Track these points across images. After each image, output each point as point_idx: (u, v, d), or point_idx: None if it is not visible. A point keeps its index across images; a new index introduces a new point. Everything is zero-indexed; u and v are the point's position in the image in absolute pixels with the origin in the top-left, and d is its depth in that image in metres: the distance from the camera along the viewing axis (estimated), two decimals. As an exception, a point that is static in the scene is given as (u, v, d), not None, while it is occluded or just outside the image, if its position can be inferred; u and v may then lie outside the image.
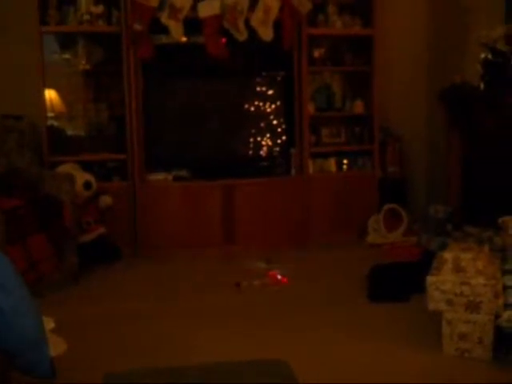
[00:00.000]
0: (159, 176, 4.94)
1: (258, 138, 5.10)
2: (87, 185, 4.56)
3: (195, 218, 4.88)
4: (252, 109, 5.09)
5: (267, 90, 5.11)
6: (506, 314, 2.75)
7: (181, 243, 4.84)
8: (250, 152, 5.11)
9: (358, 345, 3.06)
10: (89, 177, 4.62)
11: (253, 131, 5.10)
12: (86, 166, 4.79)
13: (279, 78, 5.10)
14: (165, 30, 4.78)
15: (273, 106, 5.11)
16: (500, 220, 3.39)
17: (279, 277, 4.11)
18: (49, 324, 2.30)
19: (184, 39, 4.87)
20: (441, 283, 2.92)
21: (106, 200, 4.75)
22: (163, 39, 4.88)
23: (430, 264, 3.12)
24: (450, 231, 4.59)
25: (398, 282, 3.85)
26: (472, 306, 2.86)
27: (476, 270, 2.92)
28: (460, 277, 2.91)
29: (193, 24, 4.76)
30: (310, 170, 5.15)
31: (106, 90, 5.09)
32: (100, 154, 4.94)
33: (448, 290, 2.91)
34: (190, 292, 4.00)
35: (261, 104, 5.10)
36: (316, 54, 5.21)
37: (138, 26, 4.70)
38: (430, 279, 2.95)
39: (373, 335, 3.18)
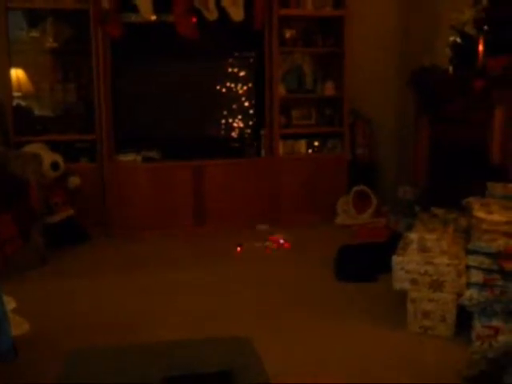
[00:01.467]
0: (128, 157, 4.90)
1: (229, 119, 5.09)
2: (55, 165, 4.51)
3: (165, 199, 4.86)
4: (223, 90, 5.07)
5: (239, 71, 5.08)
6: (468, 293, 2.81)
7: (150, 224, 4.84)
8: (221, 133, 5.10)
9: (323, 323, 3.11)
10: (56, 157, 4.56)
11: (224, 112, 5.09)
12: (54, 147, 4.72)
13: (251, 60, 5.07)
14: (134, 9, 4.71)
15: (244, 88, 5.09)
16: (464, 201, 3.45)
17: (281, 241, 4.08)
18: (10, 304, 2.27)
19: (153, 18, 4.80)
20: (406, 263, 2.97)
21: (74, 181, 4.70)
22: (132, 17, 4.81)
23: (397, 245, 3.17)
24: (417, 212, 4.64)
25: (366, 263, 3.90)
26: (436, 285, 2.92)
27: (440, 250, 2.98)
28: (424, 257, 2.97)
29: (163, 2, 4.69)
30: (280, 151, 5.16)
31: (75, 69, 5.01)
32: (68, 135, 4.87)
33: (413, 269, 2.96)
34: (157, 270, 4.00)
35: (232, 85, 5.08)
36: (287, 34, 5.19)
37: (106, 4, 4.62)
38: (395, 259, 3.00)
39: (338, 314, 3.23)
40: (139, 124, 4.98)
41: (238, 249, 4.27)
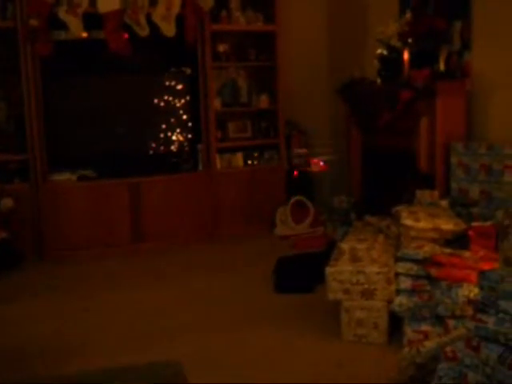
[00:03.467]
0: (63, 176, 4.81)
1: (165, 134, 5.07)
2: (-15, 188, 4.38)
3: (102, 218, 4.80)
4: (159, 105, 5.06)
5: (175, 85, 5.09)
6: (398, 299, 2.91)
7: (87, 244, 4.76)
8: (158, 148, 5.08)
9: (259, 336, 3.14)
10: (-13, 179, 4.43)
11: (159, 128, 5.07)
12: (-16, 168, 4.59)
13: (187, 74, 5.09)
14: (64, 26, 4.65)
15: (180, 102, 5.09)
16: (394, 210, 3.57)
17: (321, 163, 3.99)
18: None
19: (84, 35, 4.75)
20: (338, 273, 3.05)
21: (6, 203, 4.57)
22: (62, 35, 4.74)
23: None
24: (353, 220, 4.76)
25: (303, 273, 3.97)
26: (367, 293, 3.02)
27: (371, 259, 3.08)
28: (356, 266, 3.05)
29: (93, 19, 4.65)
30: (218, 165, 5.19)
31: (4, 87, 4.89)
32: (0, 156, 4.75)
33: (345, 279, 3.04)
34: (93, 292, 3.95)
35: (167, 100, 5.08)
36: (220, 49, 5.25)
37: (34, 22, 4.53)
38: (328, 270, 3.08)
39: (276, 326, 3.27)
40: (73, 142, 4.90)
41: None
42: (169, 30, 4.83)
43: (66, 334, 3.27)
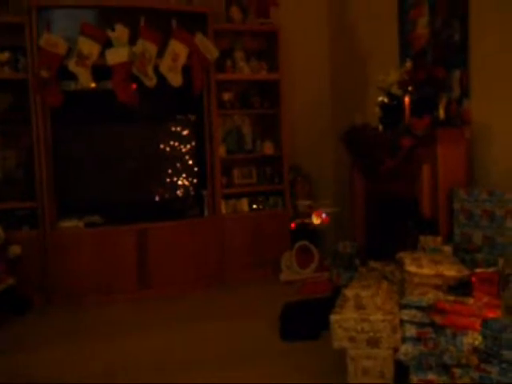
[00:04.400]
0: (70, 223, 4.88)
1: (171, 180, 5.16)
2: (-6, 236, 4.45)
3: (109, 264, 4.85)
4: (165, 151, 5.16)
5: (181, 131, 5.20)
6: (404, 348, 2.92)
7: (94, 290, 4.80)
8: (164, 194, 5.16)
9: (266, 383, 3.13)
10: (-5, 227, 4.50)
11: (166, 173, 5.17)
12: (-7, 216, 4.67)
13: (192, 120, 5.20)
14: (74, 77, 4.79)
15: (186, 148, 5.19)
16: (397, 256, 3.60)
17: (324, 215, 3.98)
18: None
19: (93, 85, 4.89)
20: (343, 321, 3.07)
21: (14, 250, 4.63)
22: (72, 86, 4.90)
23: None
24: (357, 266, 4.78)
25: (309, 320, 3.96)
26: (373, 341, 3.02)
27: (375, 307, 3.09)
28: (360, 313, 3.07)
29: (102, 70, 4.80)
30: (223, 210, 5.26)
31: (14, 136, 5.01)
32: (8, 203, 4.82)
33: (350, 327, 3.05)
34: (100, 339, 3.96)
35: (173, 146, 5.18)
36: (225, 97, 5.38)
37: (44, 73, 4.68)
38: (332, 318, 3.09)
39: (282, 373, 3.26)
40: (81, 189, 5.00)
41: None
42: (175, 80, 4.96)
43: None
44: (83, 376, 3.38)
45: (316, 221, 3.26)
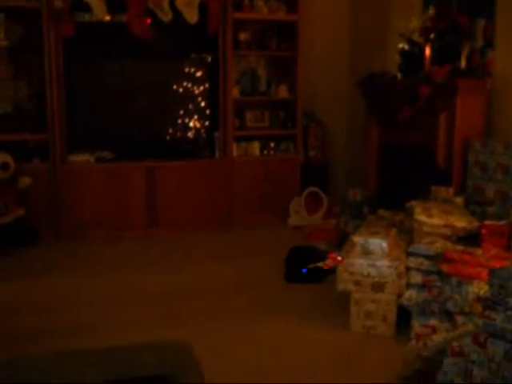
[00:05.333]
0: (81, 157, 4.87)
1: (184, 121, 5.11)
2: (4, 166, 4.46)
3: (118, 200, 4.86)
4: (178, 91, 5.09)
5: (195, 72, 5.11)
6: (408, 293, 2.93)
7: (102, 225, 4.83)
8: (175, 134, 5.12)
9: (267, 325, 3.17)
10: (6, 158, 4.50)
11: (178, 113, 5.11)
12: (4, 147, 4.65)
13: (208, 60, 5.11)
14: (88, 8, 4.68)
15: (199, 89, 5.12)
16: (407, 205, 3.58)
17: (339, 258, 4.02)
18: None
19: (108, 18, 4.78)
20: (350, 265, 3.08)
21: (25, 181, 4.64)
22: (86, 17, 4.79)
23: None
24: (366, 214, 4.76)
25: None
26: (377, 286, 3.03)
27: (382, 253, 3.08)
28: (367, 259, 3.07)
29: (117, 3, 4.68)
30: (234, 153, 5.22)
31: (27, 67, 4.95)
32: (19, 134, 4.80)
33: (356, 271, 3.07)
34: (107, 273, 4.01)
35: (187, 87, 5.10)
36: (241, 37, 5.25)
37: (59, 3, 4.58)
38: (339, 261, 3.09)
39: (285, 315, 3.31)
40: (93, 124, 4.97)
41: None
42: (191, 16, 4.84)
43: (81, 311, 3.33)
44: (85, 304, 3.44)
45: (331, 263, 3.24)
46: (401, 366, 2.53)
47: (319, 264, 3.59)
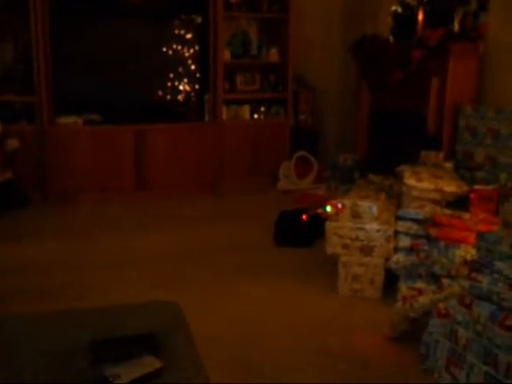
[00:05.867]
0: (69, 119, 4.81)
1: (173, 83, 5.04)
2: (-9, 127, 4.39)
3: (106, 163, 4.82)
4: (168, 53, 5.00)
5: (185, 34, 5.02)
6: (395, 257, 2.95)
7: (91, 188, 4.80)
8: (165, 97, 5.05)
9: (256, 287, 3.19)
10: (-8, 119, 4.43)
11: (168, 76, 5.03)
12: (-9, 108, 4.59)
13: (198, 22, 5.01)
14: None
15: (189, 52, 5.03)
16: (397, 169, 3.58)
17: (340, 205, 4.01)
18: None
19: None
20: (338, 228, 3.09)
21: (12, 143, 4.58)
22: (73, -26, 4.66)
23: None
24: (356, 179, 4.77)
25: (304, 228, 3.99)
26: (366, 249, 3.05)
27: (371, 217, 3.09)
28: (356, 222, 3.08)
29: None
30: (224, 116, 5.17)
31: (12, 28, 4.83)
32: (6, 96, 4.72)
33: (345, 234, 3.08)
34: (96, 235, 4.01)
35: (176, 49, 5.01)
36: (232, -2, 5.15)
37: (44, -40, 4.45)
38: (328, 225, 3.11)
39: (273, 277, 3.33)
40: (81, 86, 4.87)
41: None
42: (181, -25, 4.73)
43: (66, 274, 3.34)
44: (73, 266, 3.45)
45: (332, 211, 3.18)
46: (387, 327, 2.58)
47: (319, 210, 3.58)
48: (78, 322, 1.73)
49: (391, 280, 3.02)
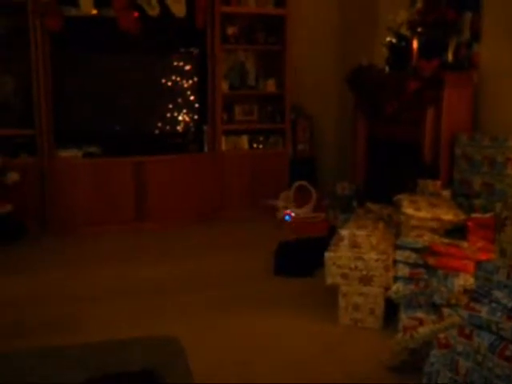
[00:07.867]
0: (69, 152, 4.84)
1: (172, 114, 5.09)
2: (-9, 161, 4.42)
3: (106, 195, 4.84)
4: (166, 85, 5.07)
5: (183, 66, 5.09)
6: (395, 287, 2.95)
7: (91, 220, 4.81)
8: (164, 128, 5.09)
9: (256, 318, 3.18)
10: (-7, 153, 4.47)
11: (167, 107, 5.09)
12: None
13: (195, 54, 5.09)
14: (74, 2, 4.65)
15: (187, 83, 5.10)
16: (395, 198, 3.59)
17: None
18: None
19: (94, 12, 4.75)
20: (337, 258, 3.09)
21: (12, 176, 4.61)
22: (73, 11, 4.74)
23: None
24: (354, 208, 4.79)
25: (303, 258, 4.00)
26: (365, 279, 3.05)
27: (370, 246, 3.10)
28: (355, 252, 3.09)
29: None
30: (223, 146, 5.22)
31: (13, 61, 4.90)
32: (6, 129, 4.76)
33: (344, 264, 3.08)
34: (93, 268, 4.00)
35: (175, 80, 5.08)
36: (229, 31, 5.24)
37: (45, -4, 4.54)
38: (327, 255, 3.11)
39: (274, 308, 3.32)
40: (80, 119, 4.93)
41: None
42: (179, 10, 4.83)
43: (67, 306, 3.33)
44: (72, 298, 3.44)
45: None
46: (388, 357, 2.56)
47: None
48: (75, 358, 1.72)
49: (392, 309, 3.01)
